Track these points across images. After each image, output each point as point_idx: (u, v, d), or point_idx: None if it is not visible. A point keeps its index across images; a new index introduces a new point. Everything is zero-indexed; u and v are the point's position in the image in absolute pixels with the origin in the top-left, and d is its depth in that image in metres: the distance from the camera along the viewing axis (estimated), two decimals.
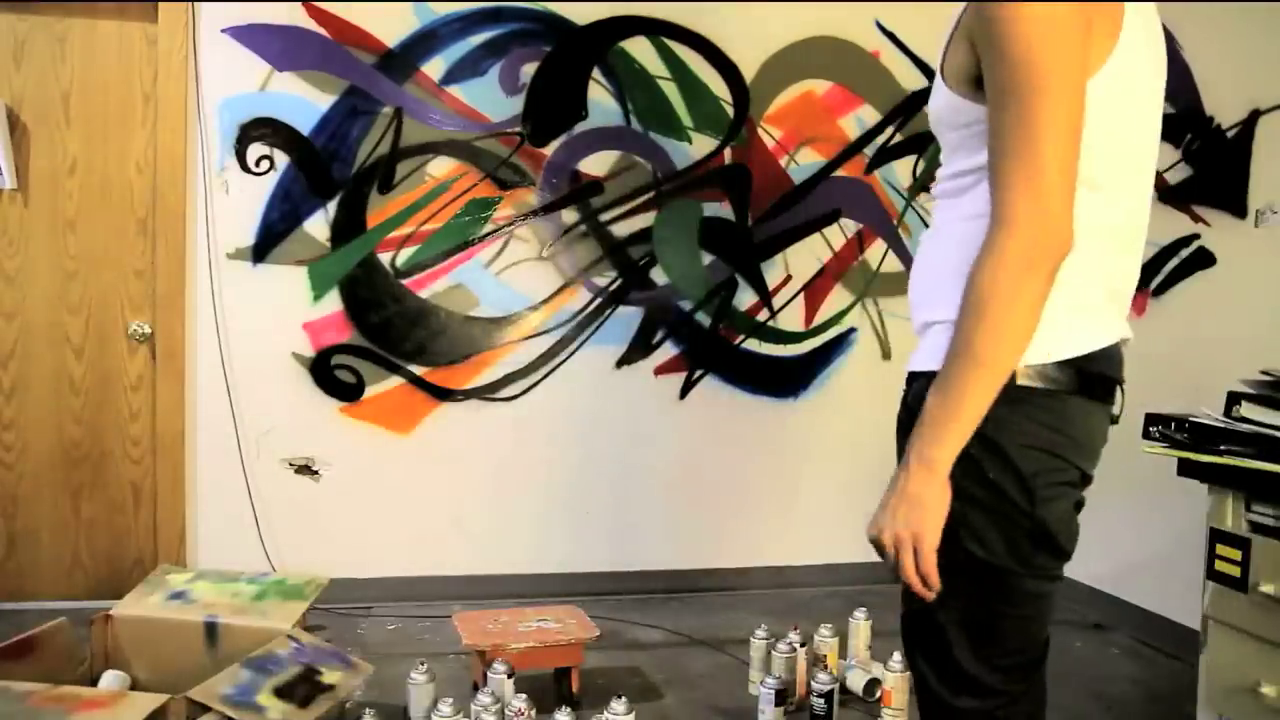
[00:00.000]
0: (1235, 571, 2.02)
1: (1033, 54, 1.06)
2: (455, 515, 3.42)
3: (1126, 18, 1.14)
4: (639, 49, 3.46)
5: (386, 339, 3.35)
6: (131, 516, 3.27)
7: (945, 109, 1.24)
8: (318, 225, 3.28)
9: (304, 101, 3.23)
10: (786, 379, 3.68)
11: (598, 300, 3.48)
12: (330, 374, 3.32)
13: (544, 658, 2.55)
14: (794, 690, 2.53)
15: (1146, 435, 2.20)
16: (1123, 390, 1.26)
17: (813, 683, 2.43)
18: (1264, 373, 2.11)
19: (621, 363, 3.52)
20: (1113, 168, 1.18)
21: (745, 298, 3.61)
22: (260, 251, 3.25)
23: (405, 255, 3.34)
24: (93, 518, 3.25)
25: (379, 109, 3.29)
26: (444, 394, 3.40)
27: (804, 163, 3.62)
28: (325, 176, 3.27)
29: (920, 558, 1.14)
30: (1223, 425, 2.06)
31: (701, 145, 3.53)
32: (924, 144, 3.70)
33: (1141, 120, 1.22)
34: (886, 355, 3.75)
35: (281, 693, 2.03)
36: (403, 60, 3.30)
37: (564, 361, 3.47)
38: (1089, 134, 1.11)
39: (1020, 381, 1.15)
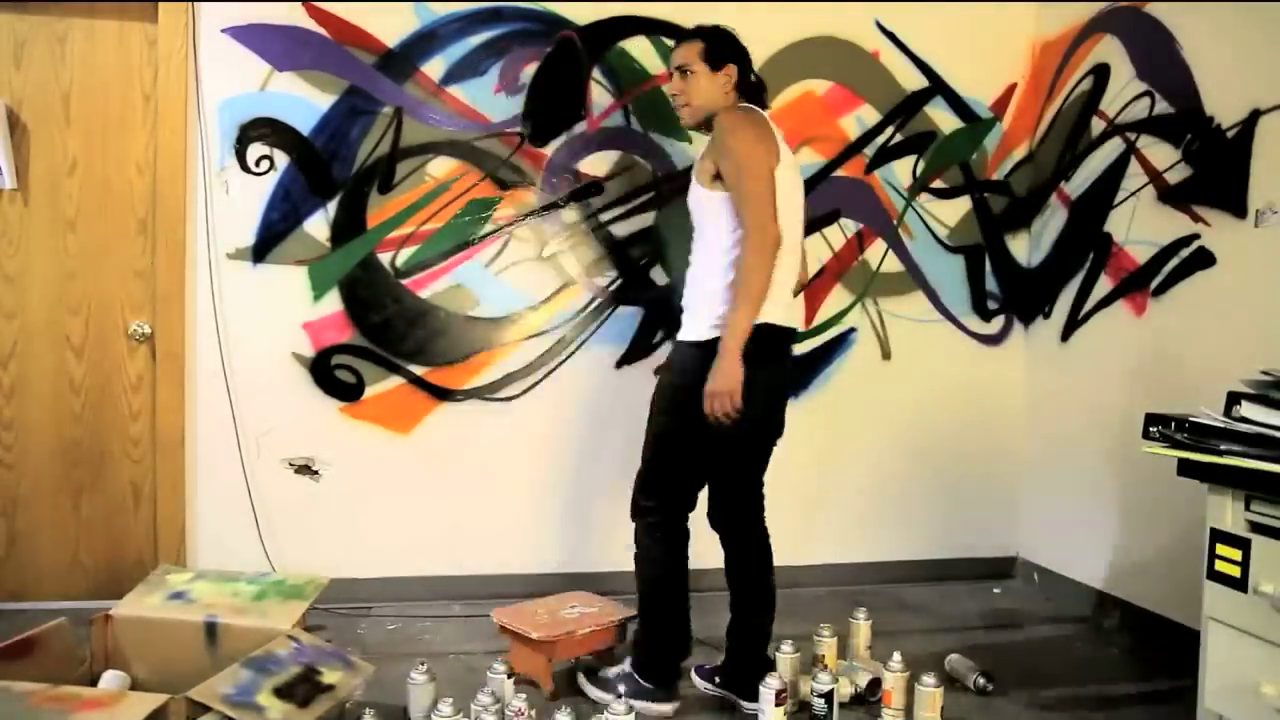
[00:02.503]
0: (1235, 571, 2.01)
1: (741, 157, 2.36)
2: (455, 515, 3.42)
3: (781, 152, 2.42)
4: (639, 49, 3.46)
5: (386, 339, 3.35)
6: (131, 516, 3.28)
7: (697, 199, 2.51)
8: (318, 225, 3.28)
9: (304, 101, 3.24)
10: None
11: (598, 300, 3.49)
12: (330, 374, 3.32)
13: (602, 638, 2.68)
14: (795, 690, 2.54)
15: (1146, 435, 2.20)
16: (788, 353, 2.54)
17: (813, 683, 2.43)
18: (1264, 373, 2.10)
19: (621, 363, 3.52)
20: (786, 217, 2.41)
21: None
22: (260, 251, 3.25)
23: (405, 255, 3.34)
24: (93, 518, 3.25)
25: (379, 109, 3.29)
26: (444, 394, 3.40)
27: (804, 163, 3.61)
28: (325, 176, 3.27)
29: (731, 402, 2.29)
30: (1223, 425, 2.06)
31: (701, 145, 3.49)
32: (924, 144, 3.70)
33: (795, 197, 2.50)
34: (886, 355, 3.75)
35: (281, 693, 2.03)
36: (403, 60, 3.30)
37: (564, 361, 3.47)
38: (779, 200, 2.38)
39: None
